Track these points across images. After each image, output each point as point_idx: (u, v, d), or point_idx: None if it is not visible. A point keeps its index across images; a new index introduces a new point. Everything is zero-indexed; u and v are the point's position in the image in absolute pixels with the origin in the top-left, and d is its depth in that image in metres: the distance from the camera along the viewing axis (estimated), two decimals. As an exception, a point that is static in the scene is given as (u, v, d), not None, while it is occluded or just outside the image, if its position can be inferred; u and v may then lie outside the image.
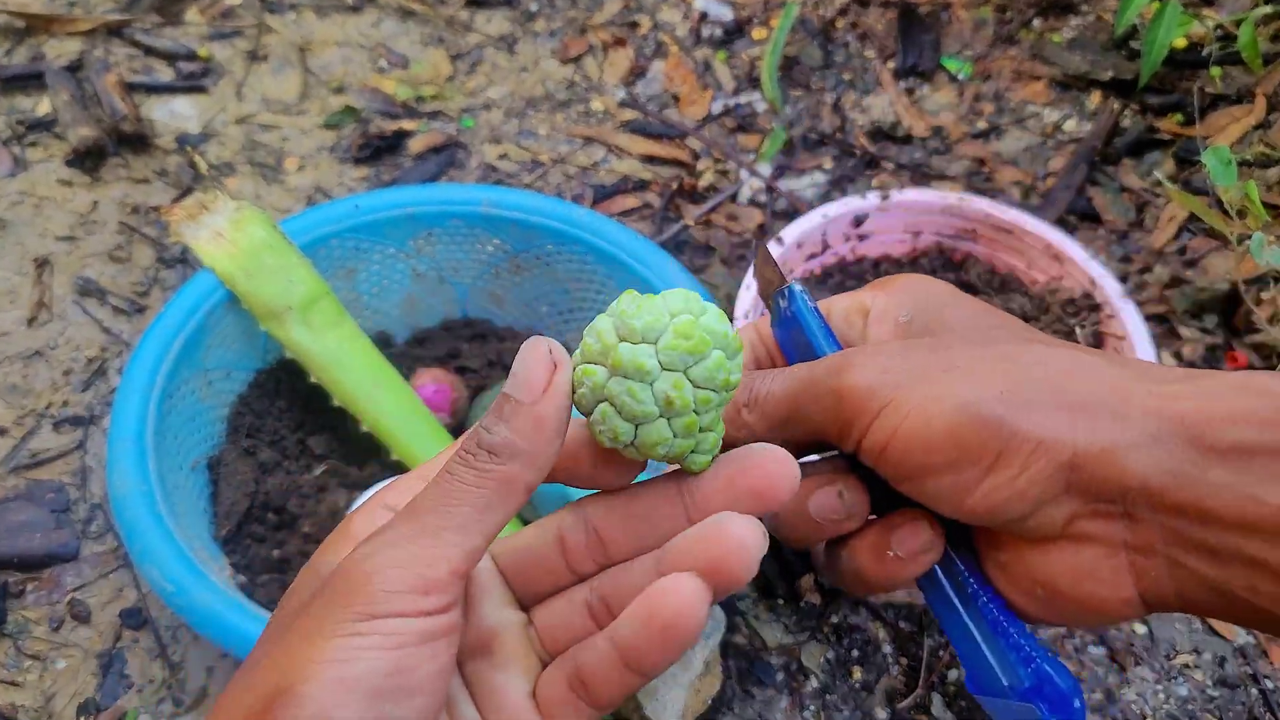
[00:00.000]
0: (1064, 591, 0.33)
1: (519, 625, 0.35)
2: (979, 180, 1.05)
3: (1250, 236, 0.75)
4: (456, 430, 0.81)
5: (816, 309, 0.40)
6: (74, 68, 1.12)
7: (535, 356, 0.31)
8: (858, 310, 0.39)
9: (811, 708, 0.73)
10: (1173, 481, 0.29)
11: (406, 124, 1.10)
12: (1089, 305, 0.81)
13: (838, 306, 0.40)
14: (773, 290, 0.41)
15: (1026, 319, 0.82)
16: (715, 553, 0.31)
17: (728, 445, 0.33)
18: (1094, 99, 1.12)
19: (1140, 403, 0.30)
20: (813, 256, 0.88)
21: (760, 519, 0.32)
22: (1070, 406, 0.31)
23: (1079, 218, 1.02)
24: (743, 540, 0.31)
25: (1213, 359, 0.90)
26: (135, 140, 1.06)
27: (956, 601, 0.37)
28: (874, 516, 0.38)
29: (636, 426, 0.31)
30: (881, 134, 1.09)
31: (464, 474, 0.30)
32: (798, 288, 0.40)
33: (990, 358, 0.33)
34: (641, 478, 0.34)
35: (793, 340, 0.40)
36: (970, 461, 0.31)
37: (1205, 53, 1.05)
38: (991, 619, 0.35)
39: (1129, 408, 0.30)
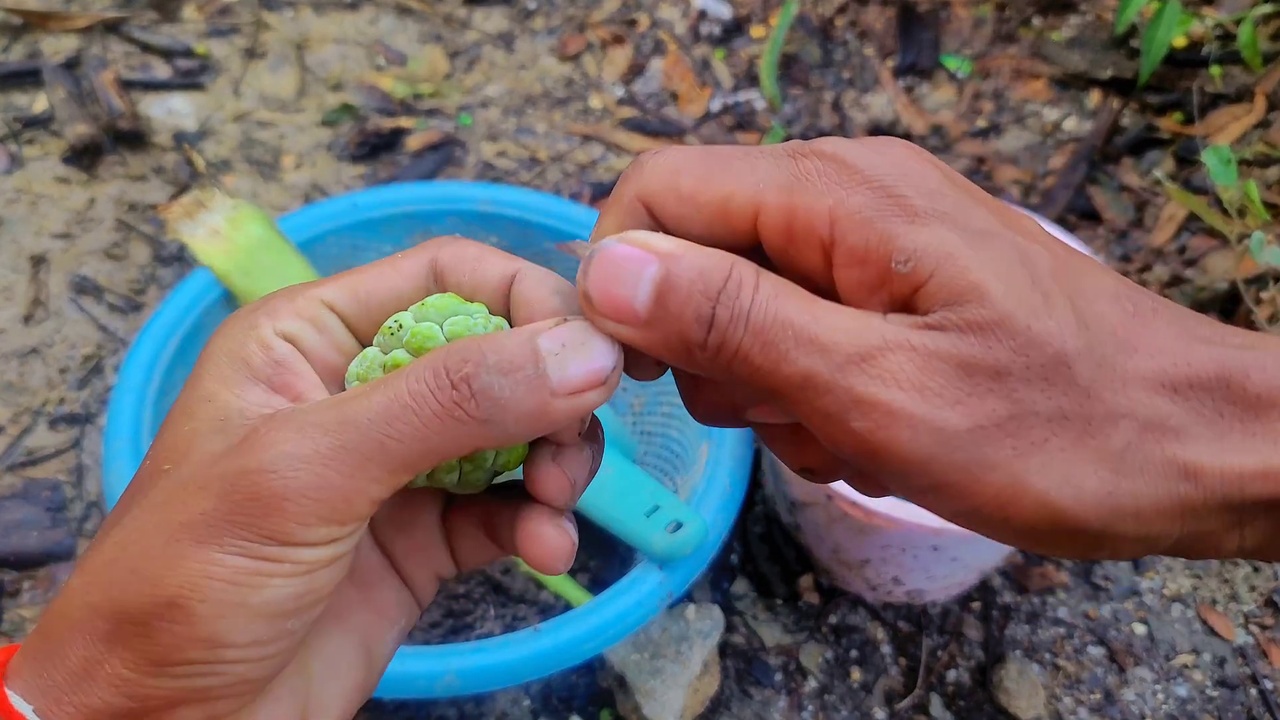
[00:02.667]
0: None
1: None
2: (978, 178, 1.05)
3: (1250, 235, 0.74)
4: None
5: None
6: (71, 65, 1.12)
7: (596, 346, 0.27)
8: (805, 232, 0.26)
9: (810, 708, 0.73)
10: (1267, 548, 0.27)
11: (404, 121, 1.09)
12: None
13: (771, 213, 0.26)
14: None
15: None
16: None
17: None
18: (1094, 97, 1.11)
19: (1250, 479, 0.26)
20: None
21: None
22: (1182, 503, 0.25)
23: (1079, 216, 1.02)
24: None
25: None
26: (132, 137, 1.05)
27: None
28: None
29: None
30: (881, 132, 1.09)
31: (428, 405, 0.26)
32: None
33: (1079, 425, 0.25)
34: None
35: None
36: (1049, 548, 0.26)
37: (1205, 51, 1.05)
38: None
39: (1238, 484, 0.26)
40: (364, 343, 0.30)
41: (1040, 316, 0.24)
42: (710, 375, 0.26)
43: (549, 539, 0.29)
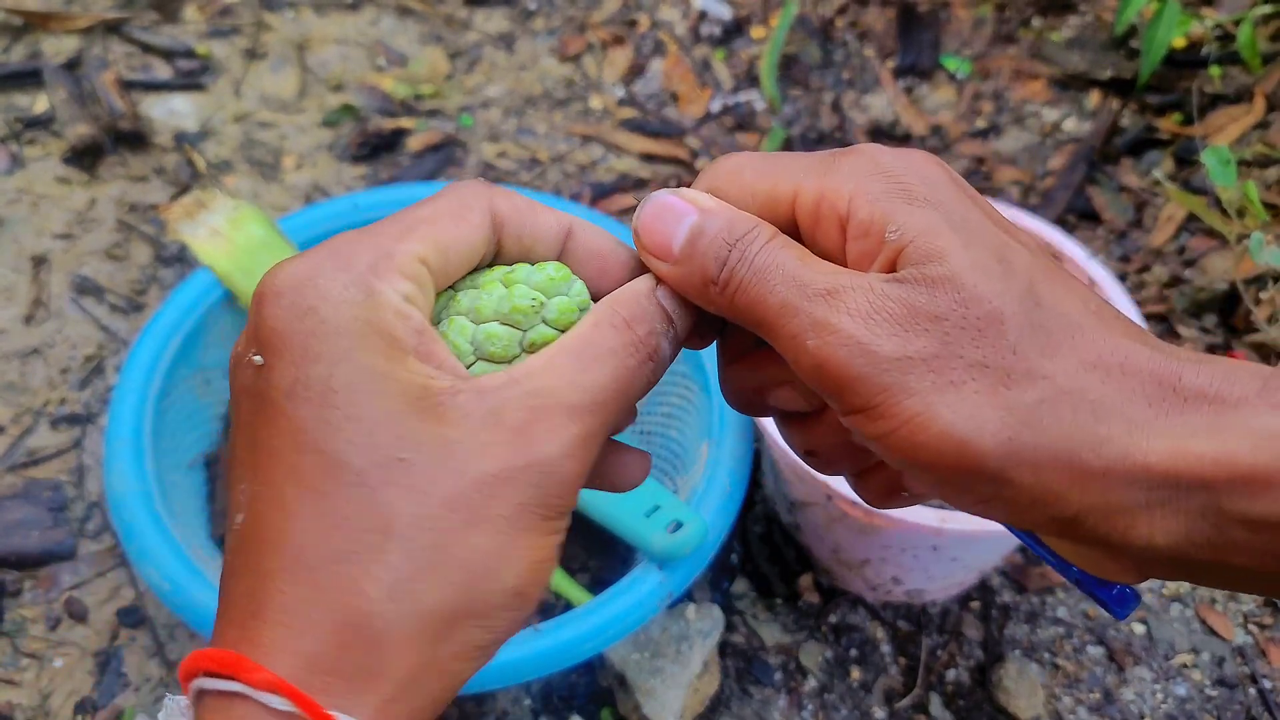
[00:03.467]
0: (1064, 557, 0.32)
1: None
2: (978, 179, 1.05)
3: (1249, 236, 0.75)
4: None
5: None
6: (72, 65, 1.12)
7: (689, 305, 0.32)
8: (830, 213, 0.30)
9: (810, 707, 0.73)
10: (1185, 544, 0.27)
11: (405, 122, 1.09)
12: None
13: (805, 198, 0.31)
14: None
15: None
16: None
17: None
18: (1093, 98, 1.12)
19: (1159, 459, 0.27)
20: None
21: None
22: (1077, 465, 0.27)
23: (1078, 217, 1.02)
24: None
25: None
26: (133, 138, 1.05)
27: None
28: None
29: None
30: (881, 132, 1.09)
31: (640, 376, 0.30)
32: None
33: (997, 372, 0.27)
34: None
35: None
36: (963, 494, 0.29)
37: (1204, 52, 1.05)
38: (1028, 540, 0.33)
39: (1139, 469, 0.27)
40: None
41: (990, 280, 0.28)
42: (720, 310, 0.31)
43: (636, 462, 0.34)
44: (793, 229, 0.32)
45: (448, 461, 0.27)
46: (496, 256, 0.32)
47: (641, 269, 0.33)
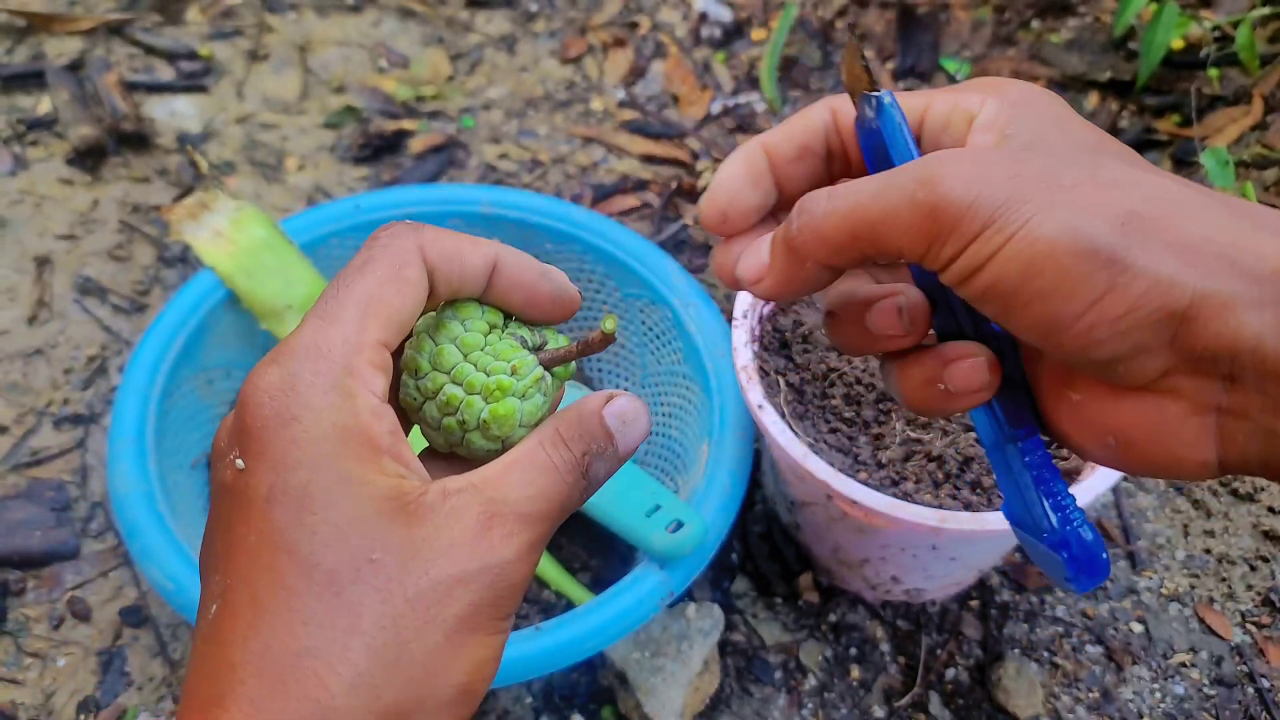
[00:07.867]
0: (1138, 444, 0.31)
1: None
2: (977, 180, 1.05)
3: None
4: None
5: (905, 126, 0.35)
6: (74, 67, 1.12)
7: (642, 418, 0.34)
8: (961, 115, 0.35)
9: (809, 706, 0.73)
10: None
11: (406, 124, 1.10)
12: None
13: (937, 109, 0.36)
14: (859, 91, 0.36)
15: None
16: None
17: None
18: (1092, 100, 1.12)
19: (1267, 259, 0.27)
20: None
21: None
22: (1190, 248, 0.28)
23: (1077, 218, 1.02)
24: None
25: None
26: (136, 139, 1.06)
27: (1002, 439, 0.35)
28: (932, 333, 0.36)
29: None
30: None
31: (571, 482, 0.32)
32: (888, 99, 0.35)
33: (1105, 182, 0.29)
34: None
35: (875, 152, 0.36)
36: (1075, 294, 0.28)
37: (1203, 54, 1.05)
38: (1033, 465, 0.34)
39: (1252, 262, 0.27)
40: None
41: (1084, 150, 0.33)
42: (820, 258, 0.33)
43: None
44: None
45: (412, 562, 0.29)
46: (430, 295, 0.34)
47: (564, 298, 0.35)
